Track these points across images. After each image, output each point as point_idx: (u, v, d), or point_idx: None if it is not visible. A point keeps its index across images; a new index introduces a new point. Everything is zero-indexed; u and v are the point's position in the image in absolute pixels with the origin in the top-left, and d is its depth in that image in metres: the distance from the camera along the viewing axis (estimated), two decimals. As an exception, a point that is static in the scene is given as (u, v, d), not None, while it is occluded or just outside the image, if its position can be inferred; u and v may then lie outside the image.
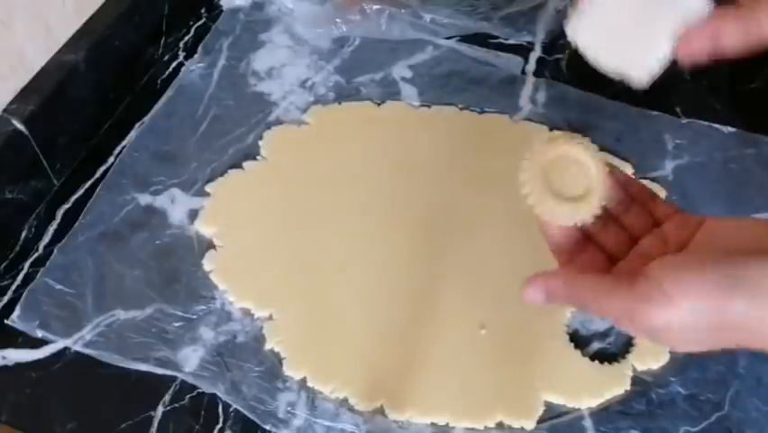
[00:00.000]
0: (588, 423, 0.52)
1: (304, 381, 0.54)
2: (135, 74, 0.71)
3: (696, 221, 0.39)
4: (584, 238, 0.42)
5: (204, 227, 0.61)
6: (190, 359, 0.55)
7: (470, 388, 0.53)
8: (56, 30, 0.64)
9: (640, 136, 0.66)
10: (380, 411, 0.52)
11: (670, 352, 0.54)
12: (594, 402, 0.53)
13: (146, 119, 0.68)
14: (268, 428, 0.52)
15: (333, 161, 0.66)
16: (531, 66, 0.72)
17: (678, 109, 0.68)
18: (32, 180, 0.62)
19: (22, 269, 0.59)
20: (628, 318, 0.36)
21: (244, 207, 0.63)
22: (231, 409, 0.53)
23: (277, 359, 0.55)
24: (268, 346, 0.55)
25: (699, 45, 0.39)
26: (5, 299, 0.58)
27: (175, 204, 0.63)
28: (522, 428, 0.52)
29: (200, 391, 0.53)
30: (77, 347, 0.55)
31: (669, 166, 0.64)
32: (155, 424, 0.52)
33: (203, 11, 0.77)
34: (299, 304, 0.57)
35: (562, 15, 0.75)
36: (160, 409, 0.53)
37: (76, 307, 0.57)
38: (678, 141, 0.66)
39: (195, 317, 0.57)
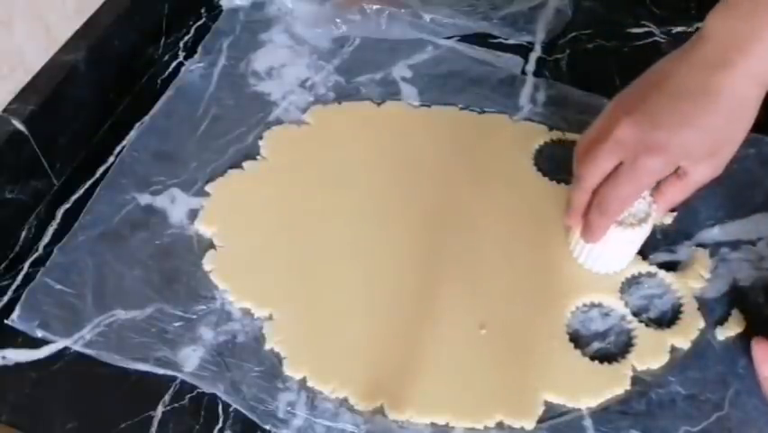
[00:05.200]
0: (588, 423, 0.52)
1: (304, 381, 0.54)
2: (135, 74, 0.71)
3: None
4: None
5: (204, 227, 0.61)
6: (190, 359, 0.55)
7: (470, 388, 0.53)
8: (56, 30, 0.64)
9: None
10: (380, 411, 0.52)
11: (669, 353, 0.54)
12: (594, 402, 0.53)
13: (146, 119, 0.68)
14: (268, 427, 0.52)
15: (333, 160, 0.66)
16: (531, 66, 0.72)
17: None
18: (31, 180, 0.62)
19: (22, 269, 0.59)
20: None
21: (244, 207, 0.63)
22: (231, 409, 0.53)
23: (277, 359, 0.55)
24: (268, 346, 0.55)
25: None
26: (5, 299, 0.58)
27: (175, 204, 0.63)
28: (522, 428, 0.52)
29: (200, 390, 0.53)
30: (77, 347, 0.55)
31: (669, 166, 0.64)
32: (155, 424, 0.52)
33: (203, 11, 0.77)
34: (299, 304, 0.57)
35: (562, 15, 0.76)
36: (160, 408, 0.53)
37: (76, 307, 0.57)
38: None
39: (195, 316, 0.57)
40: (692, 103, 0.50)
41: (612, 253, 0.57)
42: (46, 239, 0.61)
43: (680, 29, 0.75)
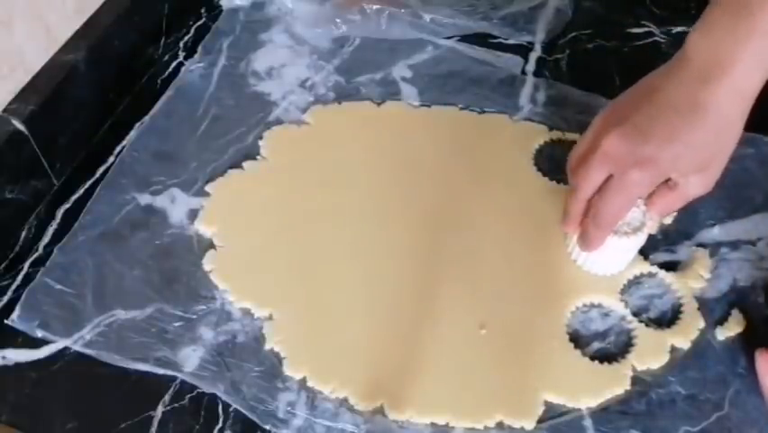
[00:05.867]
0: (588, 423, 0.52)
1: (304, 380, 0.54)
2: (135, 74, 0.71)
3: None
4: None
5: (203, 227, 0.61)
6: (190, 359, 0.55)
7: (470, 388, 0.53)
8: (56, 30, 0.64)
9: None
10: (380, 411, 0.52)
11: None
12: (594, 402, 0.53)
13: (146, 119, 0.68)
14: (268, 427, 0.52)
15: (333, 160, 0.66)
16: (531, 66, 0.72)
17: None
18: (32, 180, 0.62)
19: (22, 269, 0.59)
20: None
21: (244, 207, 0.63)
22: (231, 409, 0.53)
23: (277, 359, 0.55)
24: (268, 346, 0.55)
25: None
26: (5, 299, 0.58)
27: (175, 204, 0.63)
28: (522, 428, 0.52)
29: (200, 390, 0.53)
30: (77, 347, 0.55)
31: (669, 166, 0.64)
32: (155, 424, 0.52)
33: (203, 11, 0.77)
34: (299, 304, 0.57)
35: (562, 15, 0.76)
36: (160, 408, 0.53)
37: (76, 307, 0.57)
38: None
39: (195, 316, 0.57)
40: (681, 118, 0.50)
41: (608, 260, 0.57)
42: (46, 239, 0.61)
43: (680, 29, 0.75)
